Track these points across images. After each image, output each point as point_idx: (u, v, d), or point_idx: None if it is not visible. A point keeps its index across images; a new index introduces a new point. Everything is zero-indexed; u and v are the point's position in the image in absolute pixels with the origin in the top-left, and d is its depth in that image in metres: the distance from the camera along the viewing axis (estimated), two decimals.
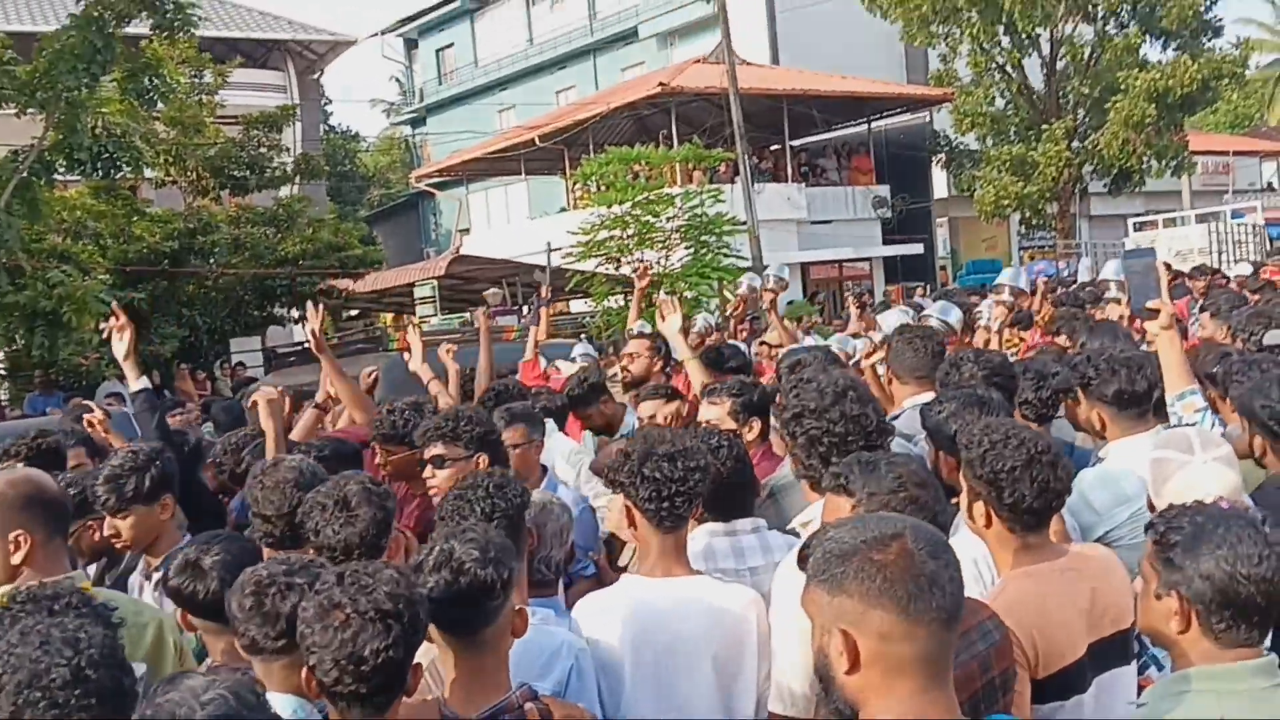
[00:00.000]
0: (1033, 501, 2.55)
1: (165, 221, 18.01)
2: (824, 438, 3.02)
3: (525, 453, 4.30)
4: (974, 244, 34.30)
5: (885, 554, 1.72)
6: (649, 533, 2.83)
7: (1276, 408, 3.30)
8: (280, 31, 28.75)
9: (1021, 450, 2.56)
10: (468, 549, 2.36)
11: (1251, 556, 2.09)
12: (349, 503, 2.92)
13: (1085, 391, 3.63)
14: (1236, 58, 27.04)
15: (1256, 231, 23.04)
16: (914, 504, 2.42)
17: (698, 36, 32.94)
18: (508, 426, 4.27)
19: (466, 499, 2.88)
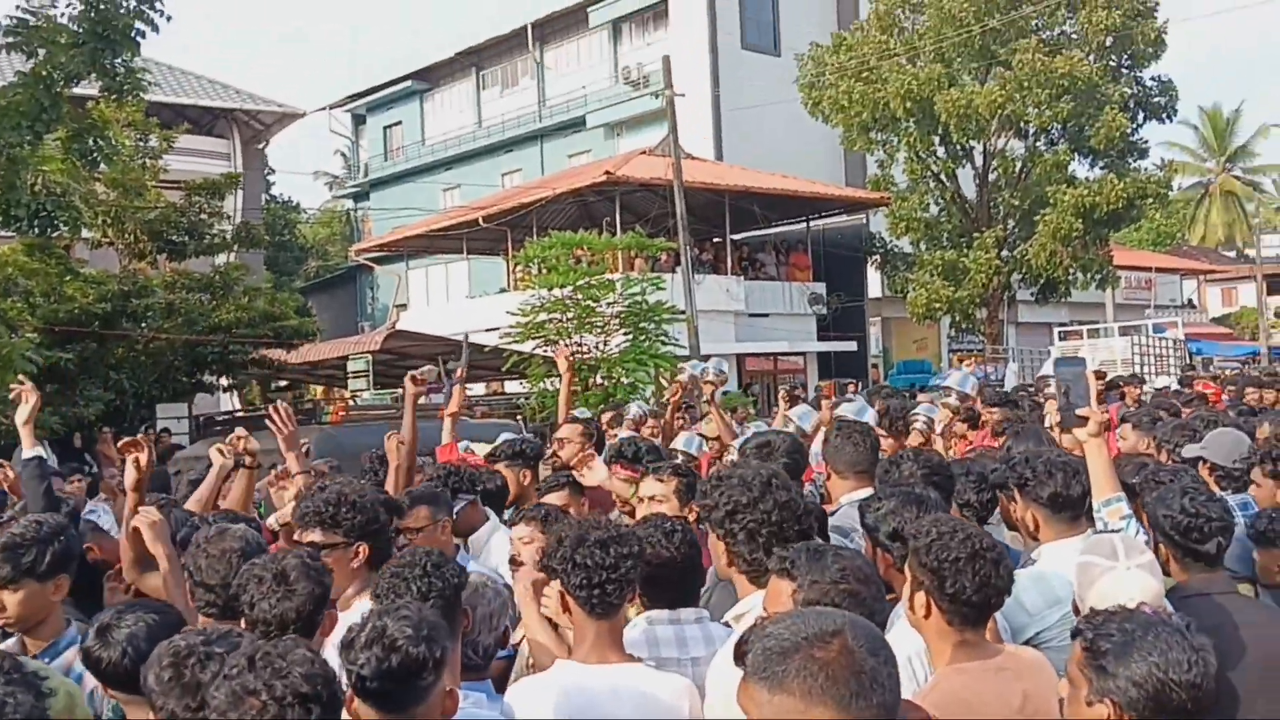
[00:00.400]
0: (973, 595, 2.60)
1: (99, 283, 17.71)
2: (762, 529, 3.04)
3: (431, 535, 4.17)
4: (905, 344, 34.91)
5: (826, 651, 1.71)
6: (583, 619, 2.83)
7: (1176, 517, 3.41)
8: (228, 100, 28.75)
9: (967, 544, 2.63)
10: (400, 626, 2.33)
11: (1182, 663, 2.14)
12: (287, 577, 2.87)
13: (1021, 492, 3.70)
14: (1160, 179, 28.06)
15: (1177, 346, 23.77)
16: (853, 598, 2.45)
17: (644, 129, 33.55)
18: (410, 510, 4.17)
19: (403, 577, 2.86)
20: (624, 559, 2.82)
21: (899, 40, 27.95)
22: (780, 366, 30.44)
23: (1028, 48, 25.72)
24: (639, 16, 35.90)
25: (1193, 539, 3.39)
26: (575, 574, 2.79)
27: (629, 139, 34.88)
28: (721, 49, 33.01)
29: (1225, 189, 58.10)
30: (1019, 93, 25.76)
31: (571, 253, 19.19)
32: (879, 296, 32.77)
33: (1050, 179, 27.11)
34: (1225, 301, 54.18)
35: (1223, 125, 58.43)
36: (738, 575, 3.03)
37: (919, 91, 26.22)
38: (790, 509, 3.10)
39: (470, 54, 41.19)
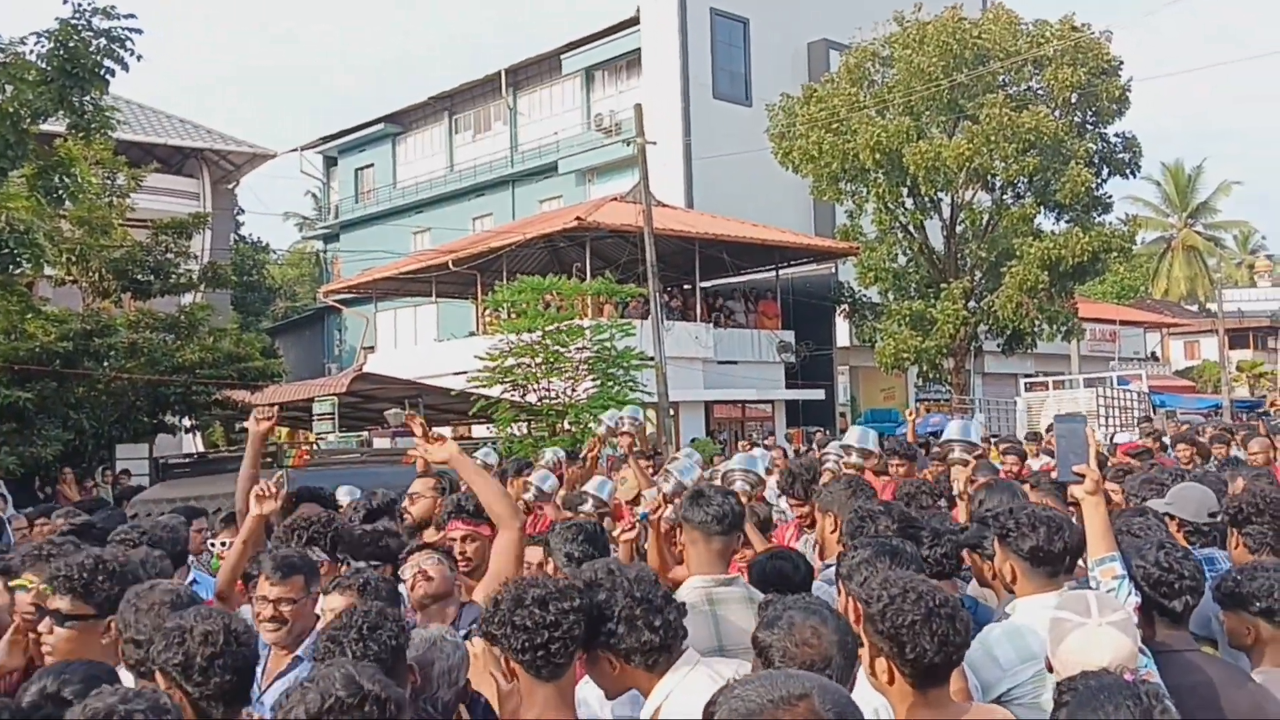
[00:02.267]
0: (934, 656, 2.56)
1: (61, 321, 17.47)
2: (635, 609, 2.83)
3: (302, 608, 3.84)
4: (873, 393, 35.06)
5: (792, 714, 1.70)
6: (530, 684, 2.73)
7: (1149, 569, 3.42)
8: (199, 140, 28.67)
9: (920, 604, 2.59)
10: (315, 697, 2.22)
11: None
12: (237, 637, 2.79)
13: (1002, 542, 3.67)
14: (1124, 233, 28.47)
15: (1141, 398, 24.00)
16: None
17: (615, 176, 33.76)
18: (282, 580, 3.82)
19: (338, 640, 2.76)
20: (565, 615, 2.71)
21: (869, 93, 28.35)
22: (748, 414, 30.45)
23: (995, 103, 26.13)
24: (612, 65, 36.23)
25: (1161, 593, 3.40)
26: (515, 636, 2.69)
27: (600, 185, 35.07)
28: (693, 98, 33.33)
29: (1187, 244, 59.07)
30: (986, 146, 26.13)
31: (541, 297, 19.21)
32: (847, 345, 32.94)
33: (1017, 231, 27.46)
34: (1188, 355, 54.87)
35: (1185, 181, 59.51)
36: (634, 675, 2.85)
37: (888, 143, 26.55)
38: (645, 579, 2.93)
39: (443, 98, 41.38)
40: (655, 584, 2.94)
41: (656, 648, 2.78)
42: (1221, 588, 3.74)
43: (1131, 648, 2.84)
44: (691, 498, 3.90)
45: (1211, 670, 3.35)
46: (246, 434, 20.23)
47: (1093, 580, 3.50)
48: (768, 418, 30.51)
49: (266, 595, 3.77)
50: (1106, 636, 2.80)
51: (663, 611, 2.83)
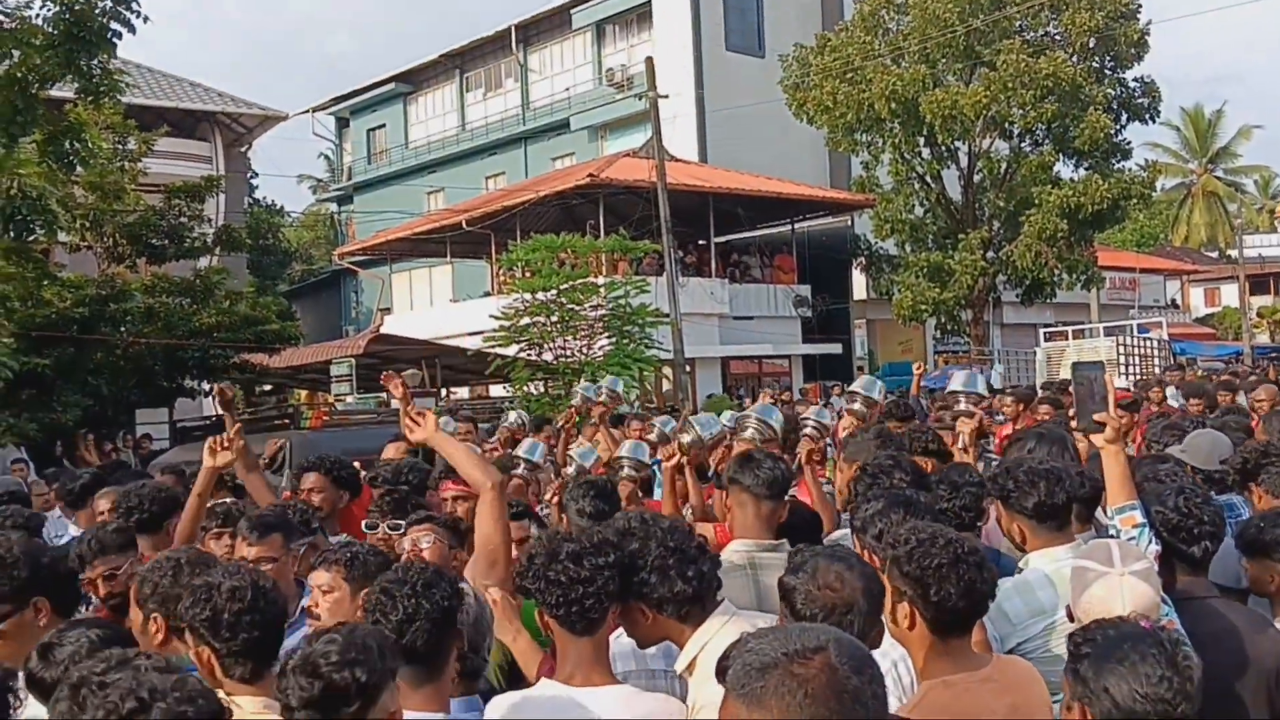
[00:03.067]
0: (958, 601, 2.54)
1: (77, 287, 17.51)
2: (670, 558, 2.81)
3: (282, 568, 3.79)
4: (890, 346, 34.94)
5: (807, 668, 1.65)
6: (565, 638, 2.71)
7: (1168, 514, 3.38)
8: (210, 103, 28.54)
9: (948, 550, 2.56)
10: (328, 651, 2.22)
11: (1151, 676, 2.11)
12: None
13: (1005, 503, 3.63)
14: (1144, 179, 28.18)
15: (1161, 346, 23.80)
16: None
17: (628, 131, 33.50)
18: (259, 539, 3.80)
19: (390, 594, 2.70)
20: (599, 570, 2.69)
21: (883, 41, 27.98)
22: (765, 369, 30.42)
23: (1012, 48, 25.78)
24: (622, 18, 35.84)
25: (1180, 538, 3.37)
26: (550, 592, 2.67)
27: (613, 141, 34.84)
28: (705, 51, 32.96)
29: (1207, 190, 58.40)
30: (1003, 94, 25.82)
31: (555, 256, 19.12)
32: (864, 299, 32.80)
33: (1035, 180, 27.20)
34: (1209, 302, 54.44)
35: (1204, 126, 58.73)
36: (667, 625, 2.83)
37: (904, 92, 26.24)
38: (679, 530, 2.93)
39: (454, 56, 41.08)
40: (689, 535, 2.92)
41: (689, 598, 2.77)
42: (1244, 535, 3.70)
43: (1154, 597, 2.80)
44: (741, 460, 3.82)
45: (1233, 616, 3.32)
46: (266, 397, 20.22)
47: (1112, 529, 3.46)
48: (785, 373, 30.46)
49: (245, 555, 3.74)
50: (1129, 586, 2.76)
51: (696, 562, 2.81)
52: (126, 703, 1.88)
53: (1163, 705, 2.10)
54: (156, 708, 1.87)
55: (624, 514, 3.19)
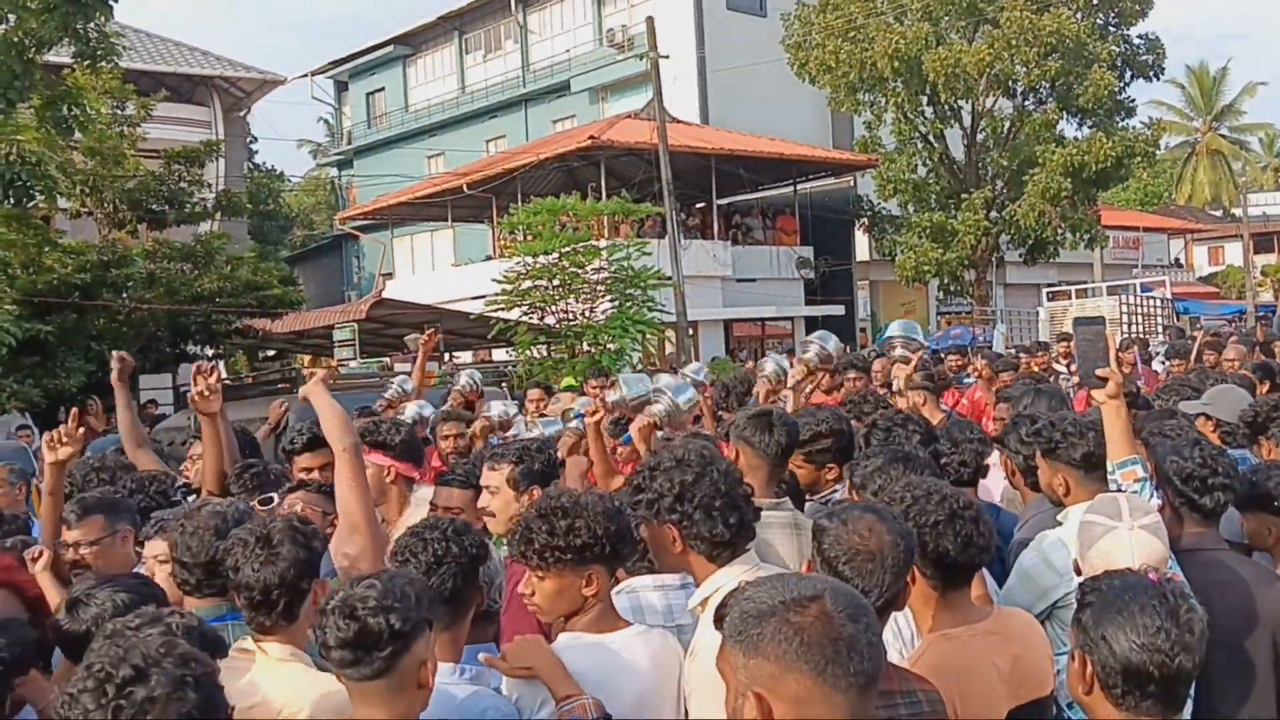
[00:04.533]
0: (957, 555, 2.55)
1: (78, 253, 17.50)
2: (716, 500, 2.87)
3: (108, 549, 3.72)
4: (893, 307, 34.84)
5: (803, 616, 1.68)
6: (603, 593, 2.75)
7: (1183, 464, 3.39)
8: (208, 67, 28.42)
9: (944, 505, 2.57)
10: (365, 594, 2.27)
11: (1149, 627, 2.12)
12: (270, 540, 2.78)
13: (1051, 455, 3.64)
14: (1148, 137, 28.01)
15: (1164, 305, 23.77)
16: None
17: (630, 93, 33.26)
18: (78, 522, 3.74)
19: (422, 538, 2.74)
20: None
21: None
22: (768, 331, 30.39)
23: (1015, 5, 25.56)
24: None
25: (1193, 488, 3.37)
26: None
27: (614, 103, 34.59)
28: (706, 10, 32.64)
29: (1212, 148, 58.05)
30: (1007, 51, 25.63)
31: (556, 219, 19.04)
32: (867, 260, 32.69)
33: (1039, 138, 27.05)
34: (1212, 260, 54.24)
35: (1209, 84, 58.28)
36: (694, 559, 2.87)
37: (906, 51, 26.03)
38: (733, 475, 2.99)
39: (453, 18, 40.72)
40: (740, 482, 2.96)
41: (724, 543, 2.80)
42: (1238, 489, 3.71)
43: (1162, 551, 2.81)
44: (756, 421, 3.79)
45: (1240, 569, 3.32)
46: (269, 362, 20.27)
47: (1113, 483, 3.47)
48: (787, 335, 30.43)
49: (65, 540, 3.69)
50: (1137, 540, 2.78)
51: (740, 510, 2.85)
52: (121, 670, 1.89)
53: (1160, 656, 2.11)
54: (154, 674, 1.89)
55: (686, 444, 3.21)
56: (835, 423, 4.32)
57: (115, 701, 1.86)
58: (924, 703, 2.26)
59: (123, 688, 1.88)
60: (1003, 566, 3.76)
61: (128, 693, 1.87)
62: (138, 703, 1.86)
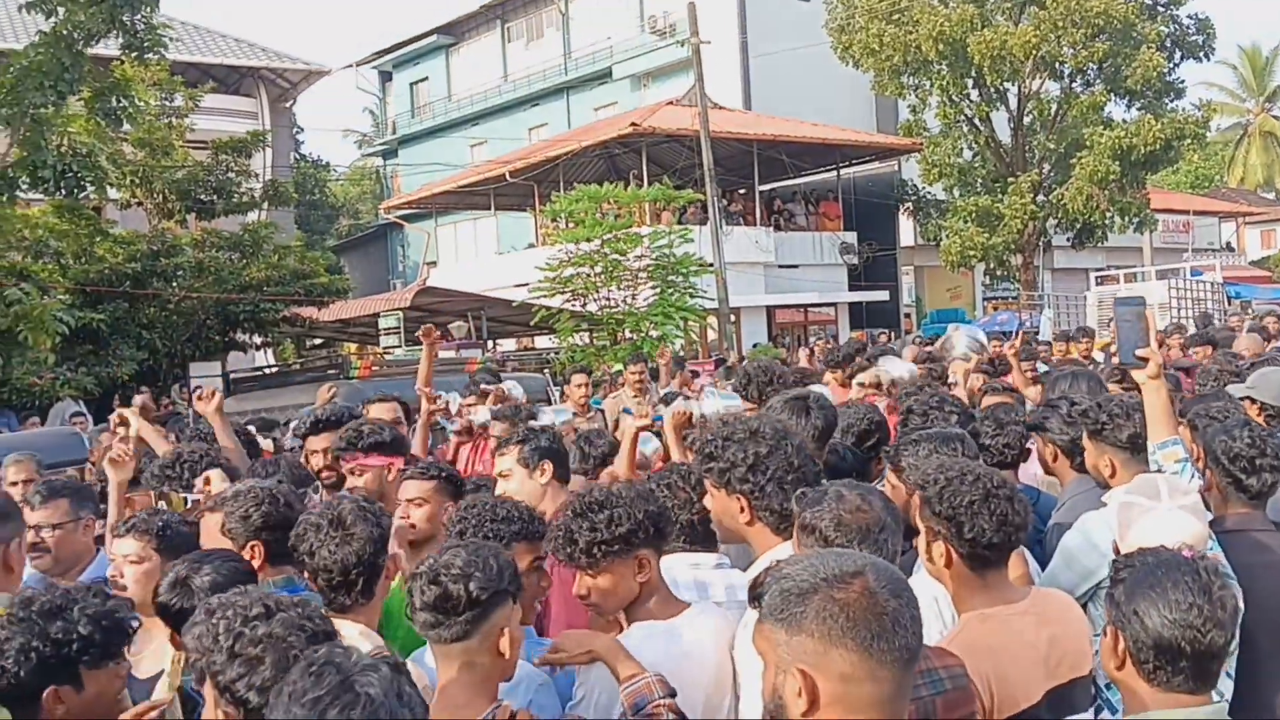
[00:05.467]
0: (993, 536, 2.54)
1: (129, 243, 17.82)
2: (788, 475, 2.93)
3: (69, 535, 3.73)
4: (938, 293, 34.58)
5: (847, 592, 1.68)
6: (656, 575, 2.76)
7: (1232, 444, 3.35)
8: (254, 59, 28.70)
9: (978, 485, 2.56)
10: (450, 561, 2.39)
11: (1181, 603, 2.11)
12: (344, 521, 2.86)
13: (1097, 437, 3.62)
14: (1198, 119, 27.51)
15: (1215, 289, 23.36)
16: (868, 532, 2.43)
17: (671, 79, 33.20)
18: (43, 504, 3.74)
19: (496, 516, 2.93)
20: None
21: None
22: (811, 318, 30.27)
23: None
24: None
25: (1240, 468, 3.34)
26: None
27: (656, 89, 34.54)
28: None
29: (1264, 129, 56.87)
30: (1054, 33, 25.27)
31: (598, 206, 19.07)
32: (911, 245, 32.44)
33: (1086, 121, 26.66)
34: (1264, 244, 53.19)
35: (1262, 64, 57.05)
36: (759, 530, 2.91)
37: (951, 33, 25.75)
38: (805, 451, 3.04)
39: (495, 6, 40.82)
40: (812, 460, 3.02)
41: (791, 518, 2.80)
42: None
43: (1202, 532, 2.79)
44: (793, 404, 3.89)
45: None
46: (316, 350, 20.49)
47: (1153, 464, 3.43)
48: (830, 321, 30.30)
49: (28, 520, 3.70)
50: (1177, 520, 2.76)
51: (811, 486, 2.87)
52: (254, 609, 2.15)
53: (1192, 631, 2.10)
54: (279, 615, 2.14)
55: (760, 418, 3.30)
56: (874, 414, 4.44)
57: (239, 630, 2.12)
58: (945, 679, 2.25)
59: (249, 620, 2.13)
60: (1042, 549, 3.75)
61: (252, 625, 2.12)
62: (259, 637, 2.10)
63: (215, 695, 2.12)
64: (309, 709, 1.74)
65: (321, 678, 1.78)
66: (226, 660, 2.10)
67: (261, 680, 2.06)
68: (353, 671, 1.79)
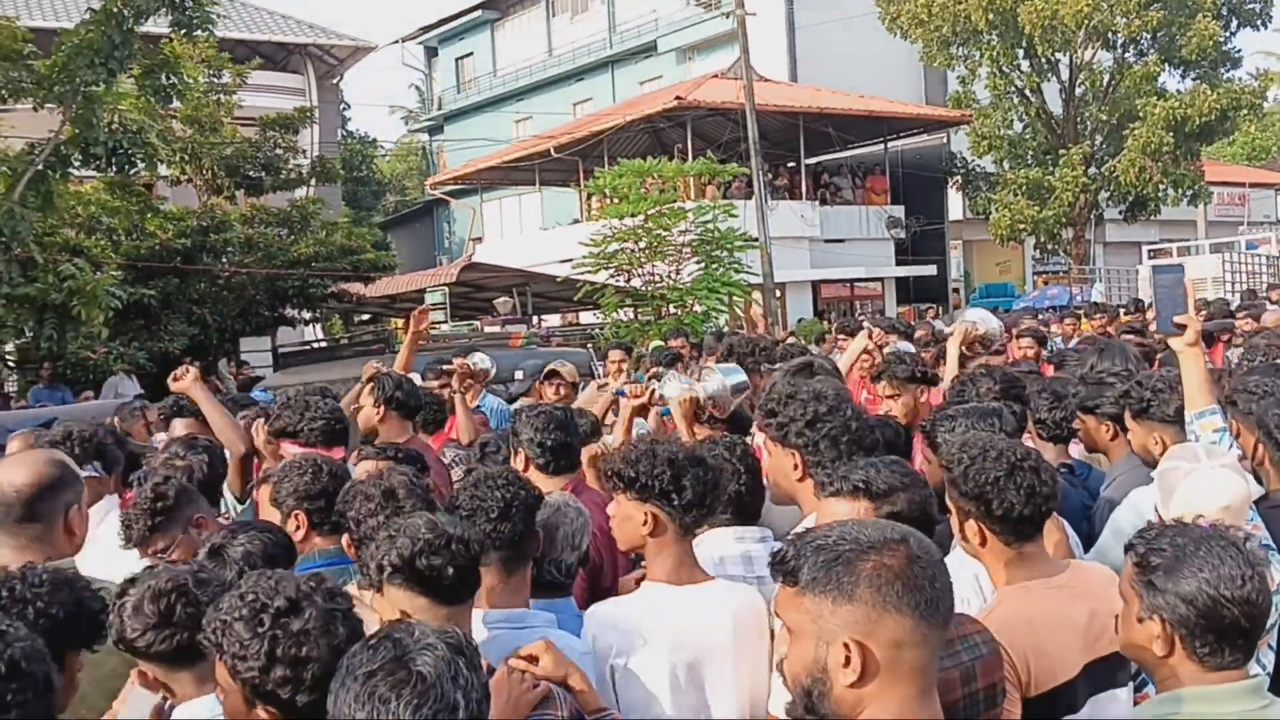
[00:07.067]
0: (1022, 509, 2.51)
1: (179, 219, 18.02)
2: (843, 436, 3.04)
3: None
4: (987, 267, 34.21)
5: (896, 559, 1.68)
6: (673, 539, 2.77)
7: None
8: (301, 35, 28.85)
9: (1002, 460, 2.53)
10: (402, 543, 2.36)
11: (1234, 578, 2.05)
12: (396, 495, 2.94)
13: (1143, 416, 3.58)
14: (1255, 89, 27.00)
15: (1271, 262, 22.93)
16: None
17: (716, 52, 32.99)
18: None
19: (488, 487, 2.84)
20: (719, 479, 2.86)
21: None
22: (857, 293, 30.06)
23: None
24: None
25: None
26: (685, 496, 2.75)
27: (701, 63, 34.33)
28: None
29: None
30: (1106, 2, 24.81)
31: (642, 181, 19.00)
32: (960, 219, 32.09)
33: (1139, 91, 26.20)
34: None
35: None
36: (809, 488, 2.95)
37: (1001, 3, 25.37)
38: (863, 417, 3.14)
39: None
40: (871, 429, 3.15)
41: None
42: None
43: (1247, 488, 2.76)
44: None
45: None
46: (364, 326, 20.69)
47: (1191, 434, 3.38)
48: (877, 296, 30.08)
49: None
50: (1219, 479, 2.73)
51: (867, 450, 2.99)
52: (276, 601, 1.99)
53: (1249, 606, 2.05)
54: (306, 607, 2.00)
55: (824, 381, 3.49)
56: None
57: (271, 632, 1.95)
58: (981, 645, 2.25)
59: (278, 618, 1.97)
60: (1090, 524, 3.71)
61: (283, 623, 1.96)
62: (293, 634, 1.95)
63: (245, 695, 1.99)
64: (361, 683, 1.72)
65: (377, 651, 1.76)
66: (265, 665, 1.95)
67: (311, 677, 1.94)
68: (411, 649, 1.76)
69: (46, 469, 3.05)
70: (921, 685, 1.69)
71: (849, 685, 1.65)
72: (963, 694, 2.15)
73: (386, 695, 1.69)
